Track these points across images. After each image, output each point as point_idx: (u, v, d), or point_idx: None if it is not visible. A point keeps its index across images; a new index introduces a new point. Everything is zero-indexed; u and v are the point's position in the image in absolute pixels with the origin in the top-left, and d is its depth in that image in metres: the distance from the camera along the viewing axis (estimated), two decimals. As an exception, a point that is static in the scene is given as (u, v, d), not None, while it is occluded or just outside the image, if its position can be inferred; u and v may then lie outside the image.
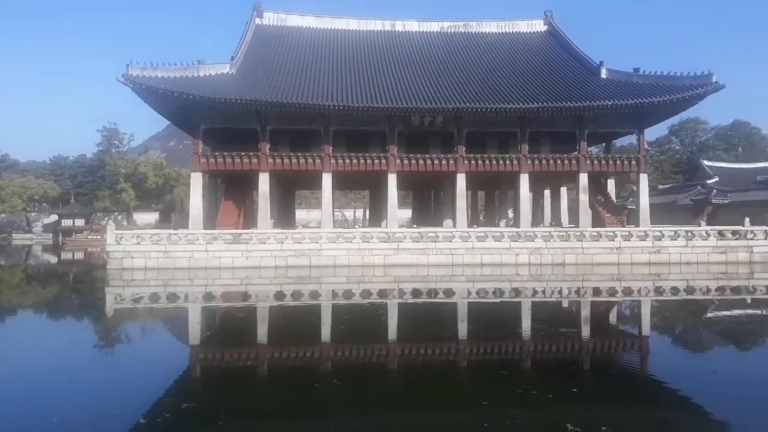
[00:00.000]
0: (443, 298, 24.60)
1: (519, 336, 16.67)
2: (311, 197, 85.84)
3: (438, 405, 10.10)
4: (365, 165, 39.38)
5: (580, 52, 47.14)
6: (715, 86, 38.03)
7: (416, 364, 13.67)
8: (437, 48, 48.91)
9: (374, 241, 33.84)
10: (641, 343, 16.30)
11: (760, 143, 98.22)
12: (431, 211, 53.20)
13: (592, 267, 33.41)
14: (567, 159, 40.81)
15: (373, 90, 39.20)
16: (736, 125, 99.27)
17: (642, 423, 9.41)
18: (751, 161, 79.18)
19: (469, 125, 39.62)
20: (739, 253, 35.24)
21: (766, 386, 11.16)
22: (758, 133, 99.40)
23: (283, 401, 10.51)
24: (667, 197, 68.42)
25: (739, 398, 10.34)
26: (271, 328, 18.27)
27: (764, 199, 53.75)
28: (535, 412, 9.74)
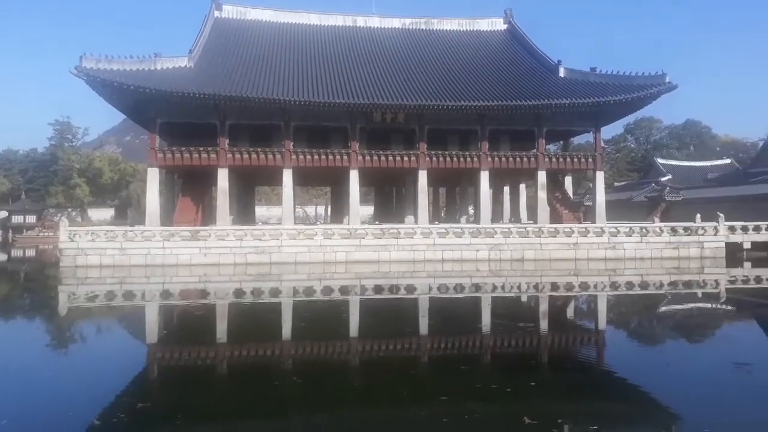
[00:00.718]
0: (405, 294, 24.68)
1: (479, 331, 16.84)
2: (272, 193, 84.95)
3: (398, 400, 10.10)
4: (327, 161, 39.16)
5: (539, 50, 47.83)
6: (668, 86, 39.05)
7: (377, 360, 13.68)
8: (399, 45, 48.95)
9: (336, 237, 33.73)
10: (597, 337, 16.65)
11: (710, 142, 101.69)
12: (393, 208, 53.31)
13: (550, 262, 34.00)
14: (526, 156, 41.39)
15: (334, 85, 39.00)
16: (689, 124, 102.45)
17: (598, 415, 9.57)
18: (702, 159, 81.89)
19: (430, 122, 39.79)
20: (690, 248, 36.36)
21: (716, 377, 11.49)
22: (709, 132, 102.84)
23: (242, 400, 10.36)
24: (622, 194, 70.12)
25: (691, 390, 10.61)
26: (231, 326, 18.00)
27: (715, 196, 55.55)
28: (493, 406, 9.83)
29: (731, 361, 12.31)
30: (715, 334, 17.34)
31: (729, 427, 8.30)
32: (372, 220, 52.77)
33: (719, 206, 43.51)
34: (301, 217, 73.33)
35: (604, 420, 9.35)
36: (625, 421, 9.44)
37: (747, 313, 21.11)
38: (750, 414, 8.94)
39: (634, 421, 9.45)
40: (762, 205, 46.98)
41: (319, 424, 9.21)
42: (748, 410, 9.18)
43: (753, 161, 67.70)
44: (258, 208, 65.43)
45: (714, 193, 57.69)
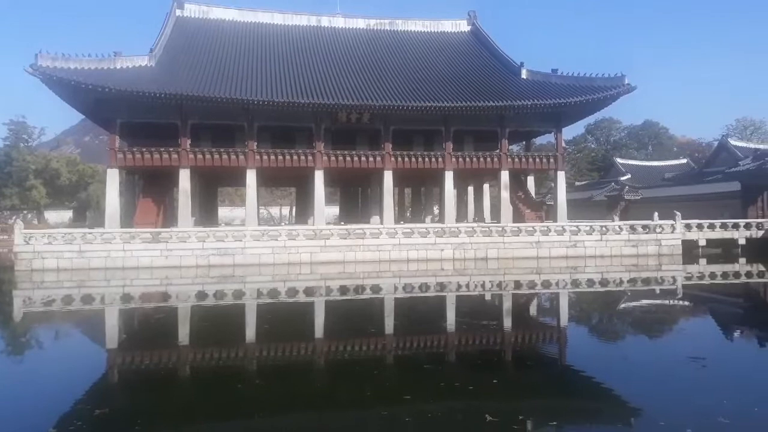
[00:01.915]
0: (370, 294, 24.65)
1: (443, 330, 16.94)
2: (235, 194, 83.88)
3: (360, 401, 10.10)
4: (291, 161, 38.88)
5: (502, 52, 48.38)
6: (627, 87, 39.91)
7: (341, 361, 13.64)
8: (364, 45, 48.94)
9: (300, 238, 33.53)
10: (559, 334, 16.92)
11: (668, 142, 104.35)
12: (359, 208, 53.22)
13: (513, 261, 34.44)
14: (489, 156, 41.81)
15: (299, 85, 38.77)
16: (647, 125, 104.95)
17: (558, 411, 9.72)
18: (660, 159, 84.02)
19: (395, 123, 39.88)
20: (648, 246, 37.25)
21: (673, 372, 11.78)
22: (666, 132, 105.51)
23: (204, 404, 10.21)
24: (583, 193, 71.42)
25: (649, 384, 10.84)
26: (192, 330, 17.70)
27: (672, 195, 57.09)
28: (455, 404, 9.88)
29: (687, 356, 12.63)
30: (672, 330, 17.78)
31: (685, 420, 8.50)
32: (337, 220, 52.60)
33: (676, 205, 44.74)
34: (266, 218, 72.67)
35: (564, 415, 9.50)
36: (585, 416, 9.60)
37: (702, 308, 21.72)
38: (704, 407, 9.18)
39: (593, 416, 9.61)
40: (716, 204, 48.49)
41: (281, 427, 9.14)
42: (702, 404, 9.42)
43: (708, 161, 69.71)
44: (221, 209, 64.60)
45: (671, 192, 59.29)
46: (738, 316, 20.34)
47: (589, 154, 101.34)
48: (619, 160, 78.93)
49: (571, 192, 61.42)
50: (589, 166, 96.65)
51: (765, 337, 16.09)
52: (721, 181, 51.84)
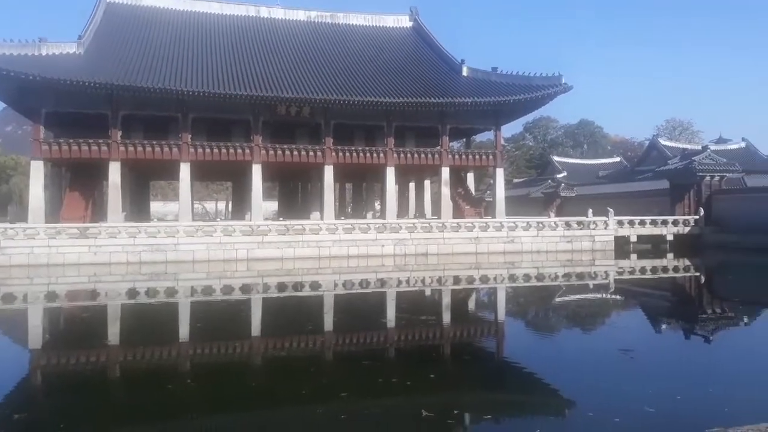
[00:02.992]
0: (309, 291, 24.30)
1: (382, 326, 16.79)
2: (168, 188, 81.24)
3: (296, 399, 9.81)
4: (227, 155, 37.82)
5: (444, 49, 48.64)
6: (564, 87, 40.79)
7: (277, 359, 13.30)
8: (304, 37, 48.18)
9: (237, 234, 32.69)
10: (496, 328, 17.07)
11: (602, 141, 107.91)
12: (298, 203, 52.42)
13: (452, 256, 34.70)
14: (430, 153, 41.95)
15: (236, 77, 37.74)
16: (582, 124, 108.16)
17: (494, 404, 9.72)
18: (594, 157, 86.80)
19: (336, 117, 39.41)
20: (583, 242, 38.28)
21: (604, 364, 12.00)
22: (601, 132, 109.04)
23: (131, 405, 9.71)
24: (521, 190, 72.95)
25: (581, 376, 11.01)
26: (122, 329, 16.92)
27: (605, 192, 58.99)
28: (392, 400, 9.74)
29: (617, 348, 12.88)
30: (604, 323, 18.24)
31: (613, 410, 8.60)
32: (276, 216, 51.70)
33: (609, 202, 46.23)
34: (200, 213, 70.82)
35: (499, 408, 9.51)
36: (520, 409, 9.63)
37: (632, 302, 22.43)
38: (631, 397, 9.33)
39: (528, 408, 9.65)
40: (647, 201, 50.37)
41: (213, 428, 8.79)
42: (630, 393, 9.58)
43: (639, 160, 72.53)
44: (154, 203, 62.52)
45: (605, 190, 61.27)
46: (664, 309, 21.09)
47: (527, 152, 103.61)
48: (556, 158, 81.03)
49: (509, 189, 62.67)
50: (527, 163, 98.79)
51: (689, 329, 16.71)
52: (651, 180, 53.88)
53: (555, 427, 8.66)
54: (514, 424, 8.91)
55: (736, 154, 57.43)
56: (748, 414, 7.36)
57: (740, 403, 8.84)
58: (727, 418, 7.21)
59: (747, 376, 10.87)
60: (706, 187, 45.82)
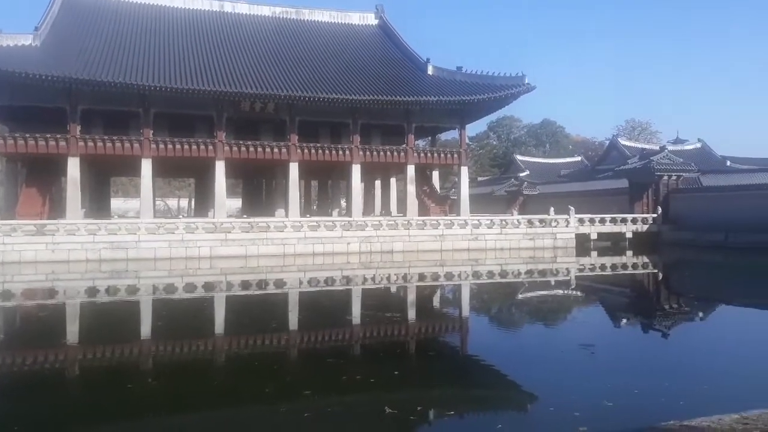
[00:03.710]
0: (274, 289, 24.12)
1: (347, 323, 16.76)
2: (129, 185, 79.59)
3: (259, 398, 9.73)
4: (190, 151, 37.18)
5: (409, 48, 48.78)
6: (527, 87, 41.32)
7: (240, 357, 13.12)
8: (268, 33, 47.68)
9: (200, 231, 32.22)
10: (460, 324, 17.22)
11: (564, 140, 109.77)
12: (263, 201, 51.86)
13: (418, 254, 34.86)
14: (396, 151, 42.04)
15: (199, 72, 37.16)
16: (545, 124, 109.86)
17: (457, 400, 9.78)
18: (556, 157, 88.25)
19: (301, 113, 39.15)
20: (545, 239, 38.91)
21: (565, 359, 12.19)
22: (563, 131, 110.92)
23: (89, 406, 9.46)
24: (485, 188, 73.70)
25: (543, 371, 11.15)
26: (81, 328, 16.46)
27: (567, 191, 60.00)
28: (356, 397, 9.73)
29: (578, 343, 13.12)
30: (565, 318, 18.55)
31: (574, 404, 8.75)
32: (240, 213, 51.13)
33: (571, 200, 47.06)
34: (163, 210, 69.62)
35: (462, 404, 9.57)
36: (483, 404, 9.71)
37: (593, 298, 22.85)
38: (591, 391, 9.52)
39: (491, 403, 9.75)
40: (607, 199, 51.40)
41: (172, 427, 8.61)
42: (590, 388, 9.77)
43: (600, 159, 73.98)
44: (114, 200, 61.18)
45: (566, 188, 62.33)
46: (623, 305, 21.57)
47: (491, 151, 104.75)
48: (519, 157, 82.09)
49: (473, 187, 63.25)
50: (491, 162, 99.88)
51: (647, 324, 17.14)
52: (611, 178, 55.04)
53: (517, 421, 8.77)
54: (477, 419, 8.99)
55: (692, 155, 59.11)
56: (702, 407, 7.58)
57: (695, 397, 9.09)
58: (682, 411, 7.40)
59: (702, 369, 11.20)
60: (664, 186, 47.03)
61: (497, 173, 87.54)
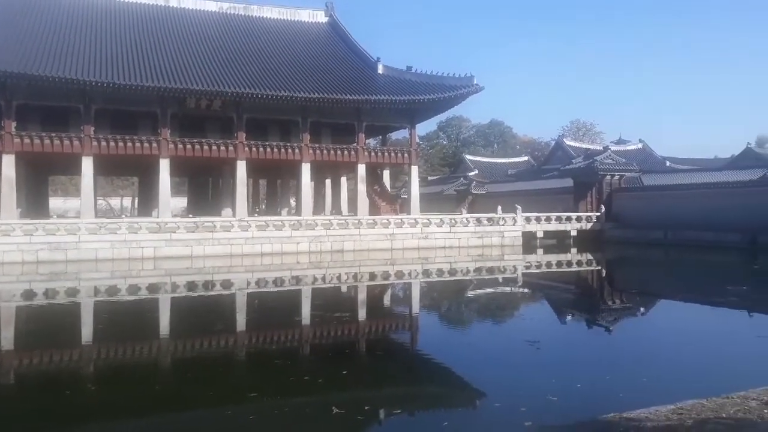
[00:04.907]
0: (220, 289, 23.62)
1: (295, 324, 16.56)
2: (69, 184, 76.66)
3: (203, 401, 9.48)
4: (133, 149, 36.07)
5: (359, 46, 48.66)
6: (475, 88, 41.83)
7: (184, 360, 12.80)
8: (216, 29, 46.70)
9: (143, 231, 31.32)
10: (410, 323, 17.25)
11: (511, 140, 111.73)
12: (209, 200, 50.81)
13: (368, 253, 34.83)
14: (347, 150, 41.90)
15: (143, 67, 36.07)
16: (493, 124, 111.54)
17: (405, 399, 9.76)
18: (504, 156, 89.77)
19: (249, 111, 38.52)
20: (493, 237, 39.52)
21: (511, 355, 12.36)
22: (510, 132, 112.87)
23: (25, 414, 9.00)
24: (435, 187, 74.38)
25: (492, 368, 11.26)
26: (16, 332, 15.74)
27: (514, 190, 61.11)
28: (303, 398, 9.57)
29: (524, 340, 13.32)
30: (513, 315, 18.84)
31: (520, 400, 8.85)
32: (185, 212, 49.93)
33: (518, 199, 47.96)
34: (105, 209, 67.44)
35: (411, 403, 9.55)
36: (431, 402, 9.71)
37: (539, 294, 23.32)
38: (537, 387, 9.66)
39: (439, 401, 9.76)
40: (552, 198, 52.66)
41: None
42: (535, 384, 9.92)
43: (546, 159, 75.74)
44: (53, 199, 58.88)
45: (514, 187, 63.50)
46: (568, 301, 22.07)
47: (441, 150, 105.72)
48: (468, 157, 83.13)
49: (424, 186, 63.71)
50: (440, 161, 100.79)
51: (590, 319, 17.58)
52: (557, 178, 56.36)
53: (464, 418, 8.81)
54: (425, 417, 8.99)
55: (634, 155, 61.13)
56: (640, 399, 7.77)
57: (634, 389, 9.33)
58: (622, 403, 7.58)
59: (641, 363, 11.51)
60: (607, 185, 48.47)
61: (447, 172, 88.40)
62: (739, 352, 12.47)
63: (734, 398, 6.88)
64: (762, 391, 7.15)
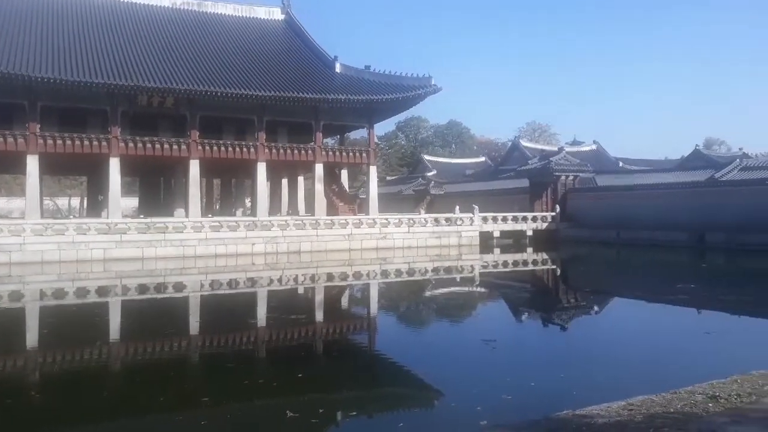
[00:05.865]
0: (172, 292, 23.01)
1: (250, 326, 16.26)
2: (14, 183, 73.76)
3: (153, 407, 9.16)
4: (82, 147, 34.89)
5: (317, 44, 48.29)
6: (433, 88, 42.04)
7: (134, 365, 12.34)
8: (168, 25, 45.60)
9: (92, 233, 30.31)
10: (368, 324, 17.12)
11: (469, 141, 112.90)
12: (161, 200, 49.61)
13: (326, 253, 34.55)
14: (304, 149, 41.49)
15: (92, 64, 34.94)
16: (451, 124, 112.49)
17: (362, 401, 9.65)
18: (462, 157, 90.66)
19: (203, 109, 37.75)
20: (450, 237, 39.77)
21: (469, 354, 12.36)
22: (468, 132, 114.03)
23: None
24: (394, 188, 74.53)
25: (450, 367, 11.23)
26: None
27: (472, 190, 61.73)
28: (257, 402, 9.40)
29: (481, 339, 13.35)
30: (470, 314, 18.96)
31: (475, 399, 8.83)
32: (137, 213, 48.66)
33: (475, 199, 48.45)
34: (52, 210, 65.17)
35: (366, 404, 9.46)
36: (388, 403, 9.61)
37: (495, 293, 23.52)
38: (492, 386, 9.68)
39: (394, 402, 9.66)
40: (509, 198, 53.36)
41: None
42: (491, 382, 9.94)
43: (503, 160, 76.75)
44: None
45: (471, 188, 64.13)
46: (524, 300, 22.37)
47: (400, 151, 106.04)
48: (426, 157, 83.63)
49: (382, 186, 63.75)
50: (399, 161, 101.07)
51: (546, 318, 17.80)
52: (513, 178, 57.14)
53: (420, 419, 8.74)
54: (380, 418, 8.87)
55: (588, 156, 62.54)
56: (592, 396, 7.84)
57: (587, 387, 9.44)
58: (575, 400, 7.62)
59: (593, 360, 11.69)
60: (562, 185, 49.37)
61: (406, 173, 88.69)
62: (687, 348, 12.79)
63: (682, 393, 7.00)
64: (707, 386, 7.30)
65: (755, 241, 33.81)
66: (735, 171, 41.10)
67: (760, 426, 5.65)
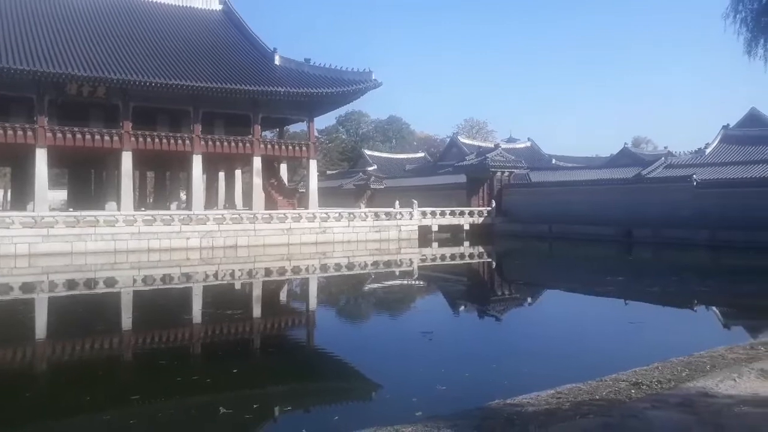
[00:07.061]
0: (103, 288, 22.23)
1: (184, 322, 15.95)
2: (-69, 175, 69.56)
3: (80, 407, 8.82)
4: (5, 137, 33.08)
5: (255, 36, 47.48)
6: (374, 83, 42.12)
7: (60, 364, 11.89)
8: (100, 11, 43.69)
9: (16, 226, 28.84)
10: (306, 318, 17.07)
11: (409, 137, 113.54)
12: (92, 193, 47.61)
13: (264, 248, 34.12)
14: (241, 142, 40.72)
15: (16, 49, 33.12)
16: (392, 120, 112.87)
17: (297, 395, 9.59)
18: (402, 152, 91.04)
19: (137, 99, 36.47)
20: (390, 231, 40.03)
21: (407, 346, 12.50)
22: (408, 128, 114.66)
23: None
24: (334, 182, 74.24)
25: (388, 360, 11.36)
26: None
27: (411, 185, 62.23)
28: (190, 399, 9.22)
29: (419, 331, 13.52)
30: (408, 307, 19.16)
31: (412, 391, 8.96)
32: (66, 206, 46.59)
33: (414, 194, 48.86)
34: (-27, 203, 61.67)
35: (301, 399, 9.41)
36: (323, 397, 9.63)
37: (433, 286, 23.85)
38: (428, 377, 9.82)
39: (331, 395, 9.69)
40: (447, 193, 54.11)
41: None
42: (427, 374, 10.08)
43: (441, 155, 77.66)
44: None
45: (411, 183, 64.65)
46: (460, 293, 22.81)
47: (340, 145, 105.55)
48: (367, 152, 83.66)
49: (323, 180, 63.39)
50: (340, 156, 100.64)
51: (481, 310, 18.23)
52: (451, 174, 58.00)
53: (356, 411, 8.80)
54: (315, 412, 8.86)
55: (523, 152, 64.04)
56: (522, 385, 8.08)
57: (517, 376, 9.74)
58: (506, 390, 7.83)
59: (524, 351, 12.04)
60: (498, 181, 50.49)
61: (346, 167, 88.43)
62: (614, 337, 13.37)
63: (607, 381, 7.30)
64: (631, 373, 7.64)
65: (678, 236, 35.61)
66: (660, 168, 43.10)
67: (677, 410, 5.97)
